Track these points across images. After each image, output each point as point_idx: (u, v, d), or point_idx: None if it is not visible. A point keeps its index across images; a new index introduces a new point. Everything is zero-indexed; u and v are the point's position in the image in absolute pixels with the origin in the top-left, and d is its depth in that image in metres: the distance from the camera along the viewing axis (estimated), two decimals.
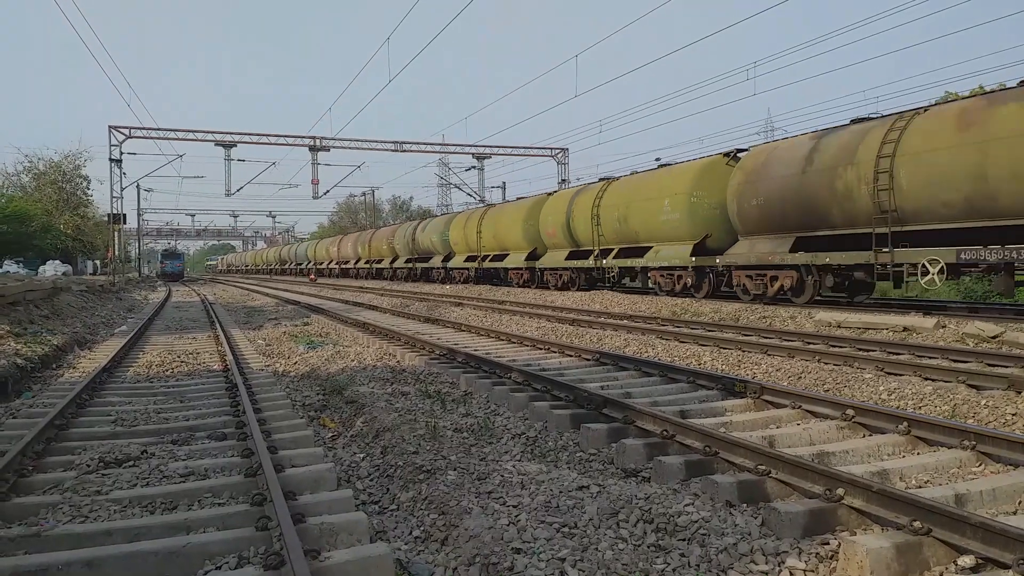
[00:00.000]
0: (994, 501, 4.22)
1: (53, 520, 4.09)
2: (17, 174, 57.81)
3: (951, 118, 12.24)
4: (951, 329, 10.93)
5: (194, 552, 3.65)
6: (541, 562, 3.56)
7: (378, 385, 8.40)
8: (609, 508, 4.09)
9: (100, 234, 60.10)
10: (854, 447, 5.31)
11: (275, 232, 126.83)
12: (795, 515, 3.86)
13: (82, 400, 7.34)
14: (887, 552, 3.38)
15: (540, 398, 7.19)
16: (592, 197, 22.61)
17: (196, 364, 10.50)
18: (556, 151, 51.71)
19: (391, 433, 6.16)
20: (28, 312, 15.25)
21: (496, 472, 4.87)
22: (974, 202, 11.66)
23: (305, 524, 3.80)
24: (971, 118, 11.84)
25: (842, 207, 13.89)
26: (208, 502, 4.46)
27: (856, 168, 13.45)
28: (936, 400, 6.95)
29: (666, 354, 10.52)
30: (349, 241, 55.35)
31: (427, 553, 3.87)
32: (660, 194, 19.48)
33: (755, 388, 6.96)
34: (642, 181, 21.07)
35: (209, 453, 5.57)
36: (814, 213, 14.60)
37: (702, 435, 5.23)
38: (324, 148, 46.78)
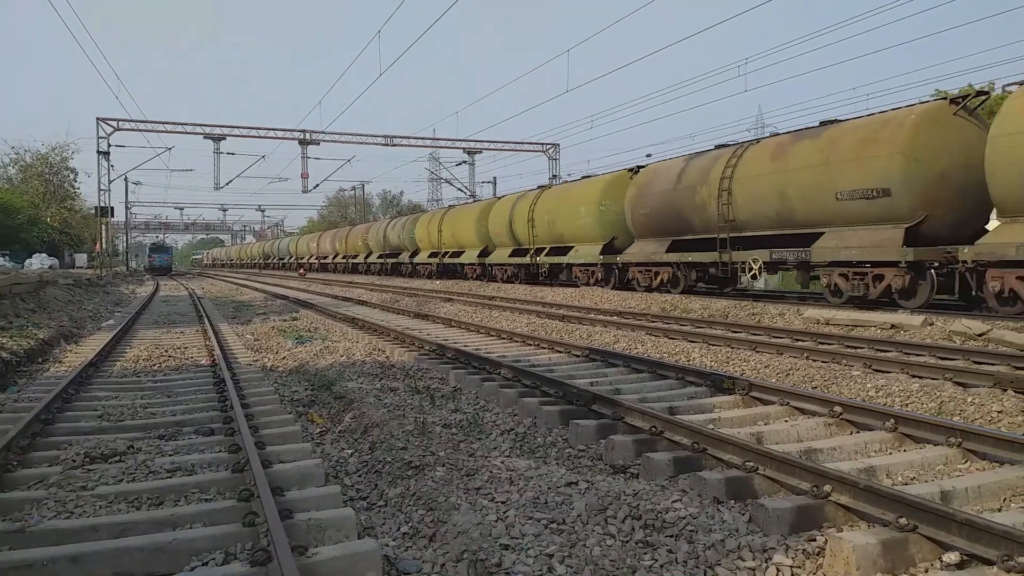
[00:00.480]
0: (979, 498, 4.25)
1: (38, 516, 4.06)
2: (4, 166, 57.43)
3: (768, 150, 15.85)
4: (938, 327, 11.00)
5: (180, 548, 3.63)
6: (529, 558, 3.56)
7: (367, 381, 8.38)
8: (597, 504, 4.09)
9: (87, 227, 59.74)
10: (841, 444, 5.34)
11: (264, 226, 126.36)
12: (782, 512, 3.87)
13: (68, 395, 7.29)
14: (873, 548, 3.39)
15: (529, 394, 7.19)
16: (529, 203, 26.20)
17: (184, 359, 10.45)
18: (547, 146, 51.74)
19: (380, 429, 6.14)
20: (14, 305, 15.14)
21: (485, 468, 4.86)
22: (781, 215, 15.46)
23: (292, 520, 3.79)
24: (779, 151, 15.51)
25: (700, 217, 17.68)
26: (195, 498, 4.43)
27: (708, 186, 17.18)
28: (923, 397, 6.99)
29: (655, 350, 10.54)
30: (328, 237, 58.40)
31: (415, 549, 3.87)
32: (579, 202, 23.31)
33: (743, 385, 6.98)
34: (567, 190, 25.10)
35: (196, 448, 5.53)
36: (682, 221, 18.39)
37: (690, 432, 5.24)
38: (314, 142, 46.69)
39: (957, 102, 13.16)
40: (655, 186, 19.58)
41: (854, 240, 13.81)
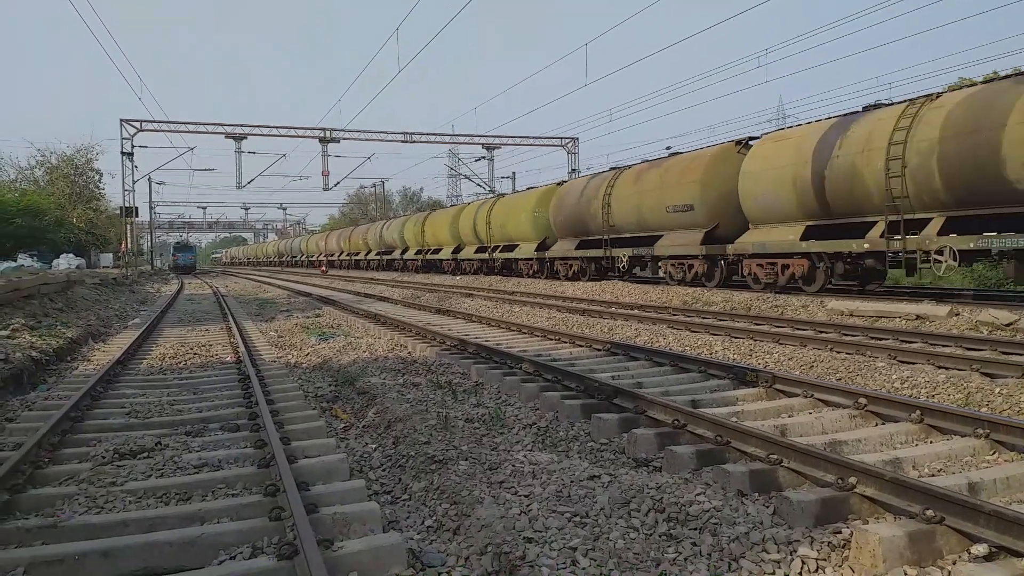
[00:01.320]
0: (1008, 489, 4.20)
1: (69, 511, 4.14)
2: (31, 168, 58.22)
3: (632, 175, 21.61)
4: (964, 317, 10.86)
5: (208, 542, 3.68)
6: (553, 551, 3.57)
7: (390, 376, 8.42)
8: (620, 498, 4.09)
9: (113, 227, 60.45)
10: (867, 436, 5.29)
11: (286, 224, 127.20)
12: (807, 504, 3.85)
13: (96, 392, 7.40)
14: (900, 541, 3.37)
15: (551, 388, 7.20)
16: (488, 209, 31.75)
17: (209, 356, 10.56)
18: (566, 140, 51.59)
19: (403, 423, 6.18)
20: (43, 305, 15.38)
21: (507, 462, 4.88)
22: (639, 223, 20.93)
23: (318, 514, 3.83)
24: (638, 176, 21.22)
25: (594, 223, 22.97)
26: (222, 493, 4.49)
27: (598, 200, 22.61)
28: (949, 388, 6.91)
29: (677, 344, 10.50)
30: (334, 237, 64.57)
31: (439, 543, 3.89)
32: (520, 210, 28.71)
33: (767, 377, 6.94)
34: (513, 199, 31.04)
35: (223, 444, 5.60)
36: (584, 225, 23.81)
37: (713, 424, 5.23)
38: (334, 140, 46.86)
39: (740, 143, 18.32)
40: (569, 199, 24.98)
41: (677, 240, 19.19)
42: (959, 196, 12.19)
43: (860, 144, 13.68)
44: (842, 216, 14.55)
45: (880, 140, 13.22)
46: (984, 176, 11.58)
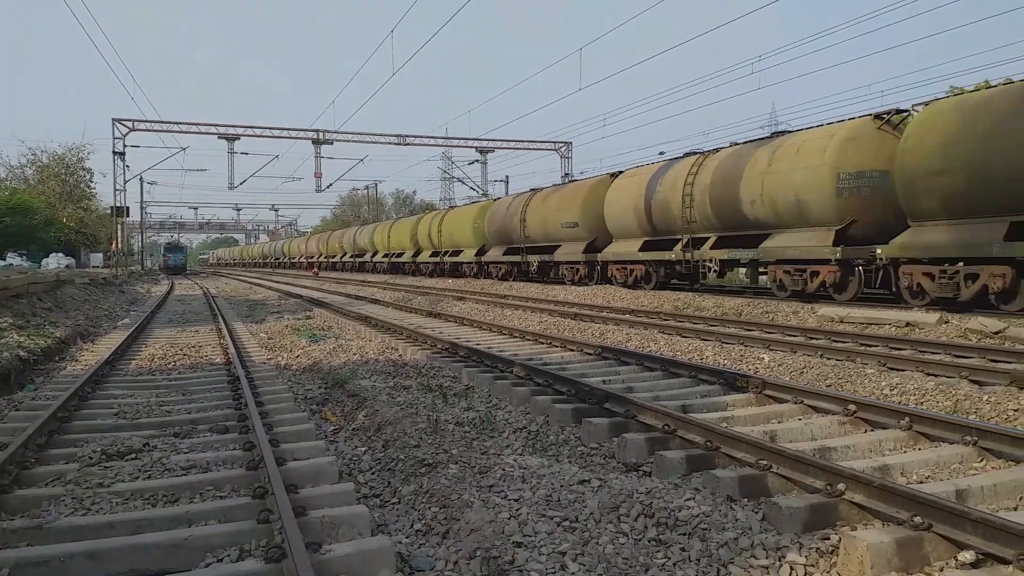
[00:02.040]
0: (995, 497, 4.22)
1: (55, 512, 4.10)
2: (21, 167, 57.89)
3: (543, 196, 27.24)
4: (954, 325, 10.92)
5: (196, 544, 3.66)
6: (542, 556, 3.57)
7: (380, 379, 8.41)
8: (610, 502, 4.09)
9: (103, 227, 60.14)
10: (856, 442, 5.31)
11: (278, 225, 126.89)
12: (796, 510, 3.86)
13: (84, 393, 7.35)
14: (888, 547, 3.38)
15: (542, 392, 7.20)
16: (440, 218, 37.82)
17: (198, 357, 10.51)
18: (560, 145, 51.66)
19: (393, 427, 6.16)
20: (31, 304, 15.28)
21: (497, 466, 4.87)
22: (545, 235, 26.31)
23: (307, 517, 3.81)
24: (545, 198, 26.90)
25: (516, 233, 28.38)
26: (210, 495, 4.46)
27: (518, 215, 28.11)
28: (938, 395, 6.94)
29: (668, 349, 10.52)
30: (314, 240, 70.24)
31: (428, 546, 3.88)
32: (465, 220, 34.10)
33: (757, 383, 6.95)
34: (460, 211, 36.72)
35: (211, 446, 5.57)
36: (509, 236, 29.26)
37: (703, 430, 5.23)
38: (327, 141, 46.81)
39: (612, 175, 23.45)
40: (499, 213, 30.38)
41: (568, 249, 24.77)
42: (723, 223, 17.76)
43: (670, 183, 19.50)
44: (663, 234, 20.21)
45: (680, 182, 18.96)
46: (733, 209, 17.18)
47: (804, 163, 15.14)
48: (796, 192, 15.26)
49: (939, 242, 12.51)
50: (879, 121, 14.56)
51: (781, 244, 15.91)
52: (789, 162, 15.52)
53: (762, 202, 16.17)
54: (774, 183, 15.83)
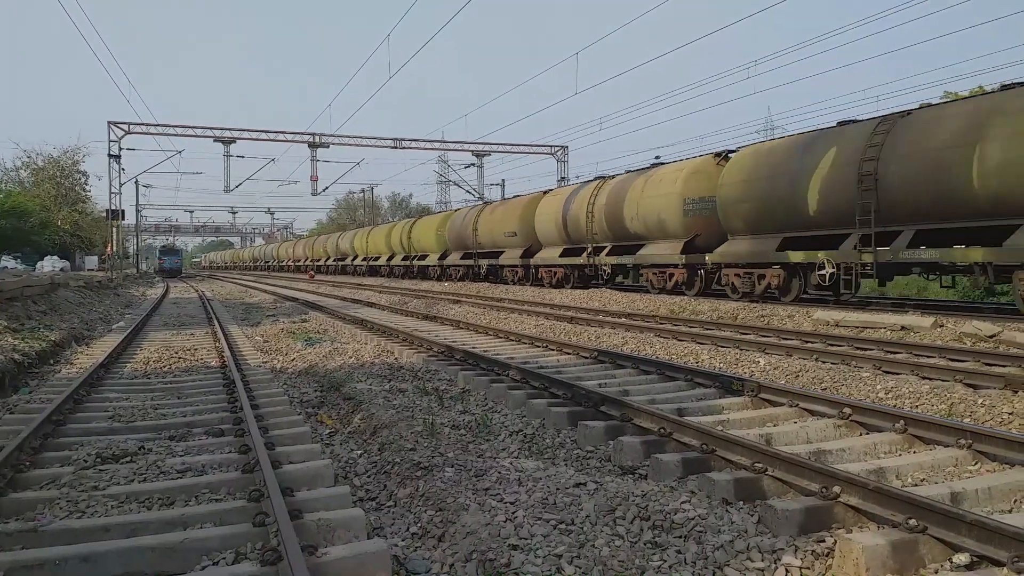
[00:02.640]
0: (990, 499, 4.23)
1: (50, 515, 4.09)
2: (16, 170, 57.82)
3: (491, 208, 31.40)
4: (949, 328, 10.95)
5: (191, 548, 3.65)
6: (538, 558, 3.57)
7: (376, 382, 8.40)
8: (606, 505, 4.09)
9: (98, 230, 60.05)
10: (851, 445, 5.32)
11: (274, 229, 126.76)
12: (791, 513, 3.86)
13: (79, 396, 7.33)
14: (883, 549, 3.39)
15: (538, 395, 7.20)
16: (410, 226, 42.18)
17: (194, 360, 10.49)
18: (556, 149, 51.70)
19: (389, 430, 6.16)
20: (26, 308, 15.25)
21: (493, 469, 4.87)
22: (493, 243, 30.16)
23: (302, 520, 3.80)
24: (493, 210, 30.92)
25: (470, 241, 32.44)
26: (205, 498, 4.46)
27: (472, 226, 31.88)
28: (933, 399, 6.96)
29: (664, 352, 10.53)
30: (301, 245, 74.24)
31: (424, 549, 3.88)
32: (430, 229, 38.36)
33: (752, 386, 6.97)
34: (426, 220, 41.24)
35: (206, 449, 5.56)
36: (464, 242, 33.38)
37: (699, 433, 5.24)
38: (323, 145, 46.80)
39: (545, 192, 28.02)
40: (456, 222, 34.60)
41: (510, 255, 28.89)
42: (614, 235, 22.09)
43: (579, 203, 23.73)
44: (575, 243, 24.35)
45: (585, 201, 23.35)
46: (620, 224, 21.55)
47: (663, 191, 19.76)
48: (658, 213, 19.86)
49: (742, 251, 17.05)
50: (717, 158, 19.01)
51: (650, 252, 20.42)
52: (654, 189, 20.13)
53: (639, 219, 20.69)
54: (647, 205, 20.32)
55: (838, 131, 14.94)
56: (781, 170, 15.67)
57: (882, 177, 13.15)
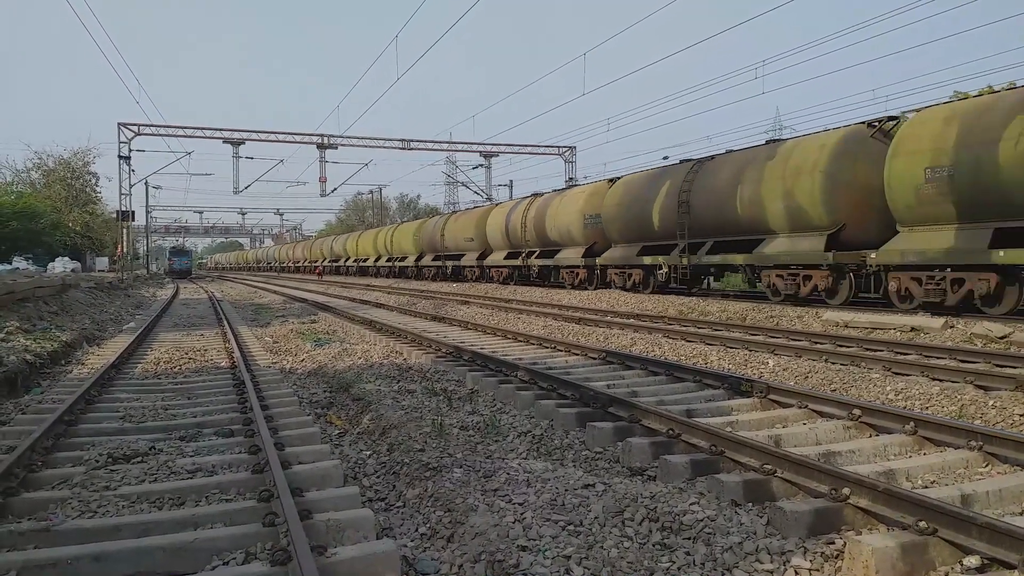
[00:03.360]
0: (1000, 502, 4.21)
1: (62, 515, 4.12)
2: (27, 171, 58.14)
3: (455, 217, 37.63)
4: (959, 329, 10.90)
5: (202, 547, 3.67)
6: (547, 559, 3.57)
7: (385, 383, 8.42)
8: (615, 506, 4.10)
9: (109, 231, 60.36)
10: (860, 447, 5.31)
11: (283, 229, 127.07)
12: (801, 514, 3.86)
13: (91, 396, 7.38)
14: (892, 552, 3.38)
15: (546, 396, 7.20)
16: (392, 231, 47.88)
17: (204, 361, 10.54)
18: (563, 149, 51.63)
19: (397, 431, 6.18)
20: (37, 308, 15.35)
21: (502, 470, 4.88)
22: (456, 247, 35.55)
23: (312, 520, 3.82)
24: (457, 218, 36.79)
25: (439, 245, 37.43)
26: (216, 498, 4.48)
27: (440, 232, 37.14)
28: (943, 400, 6.93)
29: (672, 353, 10.52)
30: (300, 247, 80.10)
31: (433, 550, 3.89)
32: (407, 234, 43.66)
33: (761, 387, 6.95)
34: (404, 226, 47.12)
35: (217, 449, 5.59)
36: (435, 247, 38.44)
37: (708, 434, 5.24)
38: (332, 146, 46.82)
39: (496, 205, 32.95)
40: (428, 228, 40.35)
41: (469, 258, 33.86)
42: (540, 242, 27.40)
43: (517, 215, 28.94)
44: (515, 248, 29.57)
45: (520, 213, 28.73)
46: (544, 234, 26.87)
47: (571, 208, 25.16)
48: (568, 225, 25.17)
49: (618, 256, 22.20)
50: (609, 184, 23.52)
51: (563, 256, 25.69)
52: (566, 207, 25.66)
53: (555, 230, 26.07)
54: (560, 219, 25.73)
55: (672, 168, 20.47)
56: (639, 196, 20.89)
57: (693, 205, 18.48)
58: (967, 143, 11.77)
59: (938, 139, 12.31)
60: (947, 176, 12.04)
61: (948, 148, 12.07)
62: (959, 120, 12.18)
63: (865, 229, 14.16)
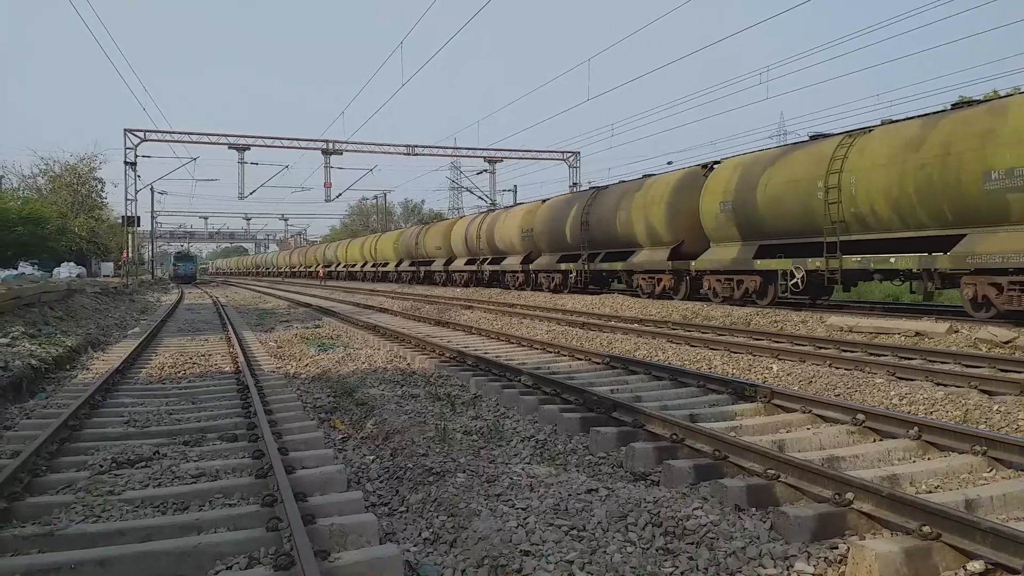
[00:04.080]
0: (1005, 507, 4.20)
1: (66, 520, 4.13)
2: (33, 176, 58.34)
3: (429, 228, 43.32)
4: (964, 334, 10.87)
5: (205, 552, 3.68)
6: (550, 564, 3.57)
7: (388, 388, 8.43)
8: (618, 511, 4.09)
9: (114, 236, 60.51)
10: (864, 452, 5.30)
11: (287, 235, 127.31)
12: (804, 519, 3.85)
13: (95, 401, 7.40)
14: (896, 556, 3.37)
15: (550, 401, 7.20)
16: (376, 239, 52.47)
17: (208, 366, 10.56)
18: (568, 154, 51.70)
19: (401, 435, 6.18)
20: (43, 313, 15.39)
21: (505, 475, 4.88)
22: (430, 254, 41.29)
23: (315, 525, 3.83)
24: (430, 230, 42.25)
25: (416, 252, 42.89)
26: (219, 503, 4.49)
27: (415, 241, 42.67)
28: (948, 405, 6.91)
29: (676, 358, 10.51)
30: (296, 254, 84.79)
31: (436, 555, 3.89)
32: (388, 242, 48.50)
33: (765, 392, 6.94)
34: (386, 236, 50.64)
35: (220, 454, 5.60)
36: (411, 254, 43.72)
37: (712, 439, 5.23)
38: (337, 151, 47.00)
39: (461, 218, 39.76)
40: (406, 237, 45.14)
41: (437, 264, 39.04)
42: (491, 250, 32.07)
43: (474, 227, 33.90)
44: (473, 255, 34.26)
45: (477, 226, 33.55)
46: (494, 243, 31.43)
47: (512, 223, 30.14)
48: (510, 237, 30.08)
49: (544, 263, 27.21)
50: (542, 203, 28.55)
51: (508, 262, 30.44)
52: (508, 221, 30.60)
53: (501, 241, 30.98)
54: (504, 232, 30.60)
55: (580, 195, 26.97)
56: (558, 216, 26.09)
57: (591, 224, 23.61)
58: (740, 187, 16.96)
59: (727, 183, 17.53)
60: (731, 209, 17.26)
61: (732, 189, 17.20)
62: (740, 170, 17.34)
63: (695, 244, 19.09)
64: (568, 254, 25.46)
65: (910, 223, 13.08)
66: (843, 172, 14.00)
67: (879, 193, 13.37)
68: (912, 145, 12.80)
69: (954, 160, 12.02)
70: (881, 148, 13.51)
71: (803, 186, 15.03)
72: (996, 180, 11.39)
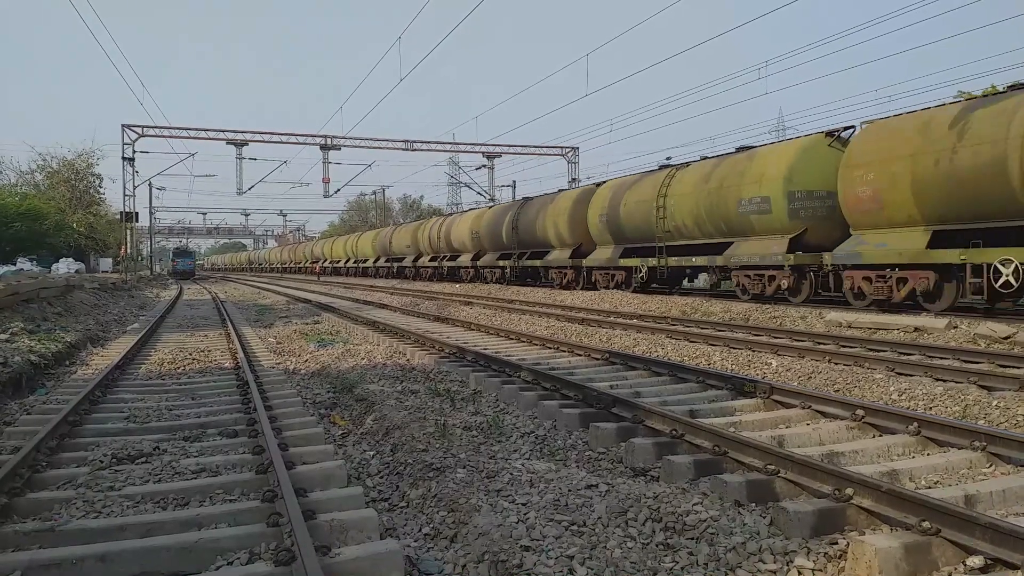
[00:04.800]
0: (1004, 502, 4.21)
1: (67, 515, 4.14)
2: (31, 172, 58.28)
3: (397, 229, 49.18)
4: (963, 330, 10.88)
5: (206, 548, 3.68)
6: (550, 559, 3.58)
7: (388, 383, 8.43)
8: (618, 507, 4.10)
9: (112, 232, 60.47)
10: (864, 447, 5.31)
11: (286, 231, 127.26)
12: (804, 515, 3.86)
13: (95, 397, 7.40)
14: (896, 552, 3.38)
15: (549, 397, 7.21)
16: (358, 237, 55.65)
17: (208, 362, 10.56)
18: (566, 150, 51.68)
19: (401, 431, 6.18)
20: (42, 309, 15.39)
21: (505, 470, 4.88)
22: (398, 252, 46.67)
23: (316, 521, 3.83)
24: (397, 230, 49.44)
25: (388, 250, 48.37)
26: (220, 498, 4.49)
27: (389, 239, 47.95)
28: (947, 401, 6.92)
29: (676, 354, 10.52)
30: (287, 250, 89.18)
31: (436, 550, 3.90)
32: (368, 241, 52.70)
33: (765, 388, 6.95)
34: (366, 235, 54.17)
35: (221, 450, 5.61)
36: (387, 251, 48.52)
37: (711, 434, 5.24)
38: (335, 147, 46.94)
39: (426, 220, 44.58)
40: (382, 236, 48.39)
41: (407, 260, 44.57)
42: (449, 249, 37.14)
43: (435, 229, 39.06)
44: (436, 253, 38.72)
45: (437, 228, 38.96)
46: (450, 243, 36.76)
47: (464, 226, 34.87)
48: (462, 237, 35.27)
49: (487, 260, 31.87)
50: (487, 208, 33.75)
51: (461, 259, 35.06)
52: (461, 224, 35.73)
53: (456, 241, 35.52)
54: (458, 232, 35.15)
55: (513, 203, 32.08)
56: (498, 220, 31.09)
57: (519, 229, 28.92)
58: (612, 203, 22.52)
59: (604, 200, 23.24)
60: (606, 220, 22.93)
61: (607, 205, 22.81)
62: (612, 190, 23.01)
63: (589, 246, 24.62)
64: (505, 253, 30.72)
65: (704, 233, 18.62)
66: (667, 196, 19.63)
67: (687, 212, 18.88)
68: (704, 178, 18.32)
69: (725, 191, 17.44)
70: (689, 179, 19.00)
71: (645, 205, 20.66)
72: (744, 205, 16.80)
